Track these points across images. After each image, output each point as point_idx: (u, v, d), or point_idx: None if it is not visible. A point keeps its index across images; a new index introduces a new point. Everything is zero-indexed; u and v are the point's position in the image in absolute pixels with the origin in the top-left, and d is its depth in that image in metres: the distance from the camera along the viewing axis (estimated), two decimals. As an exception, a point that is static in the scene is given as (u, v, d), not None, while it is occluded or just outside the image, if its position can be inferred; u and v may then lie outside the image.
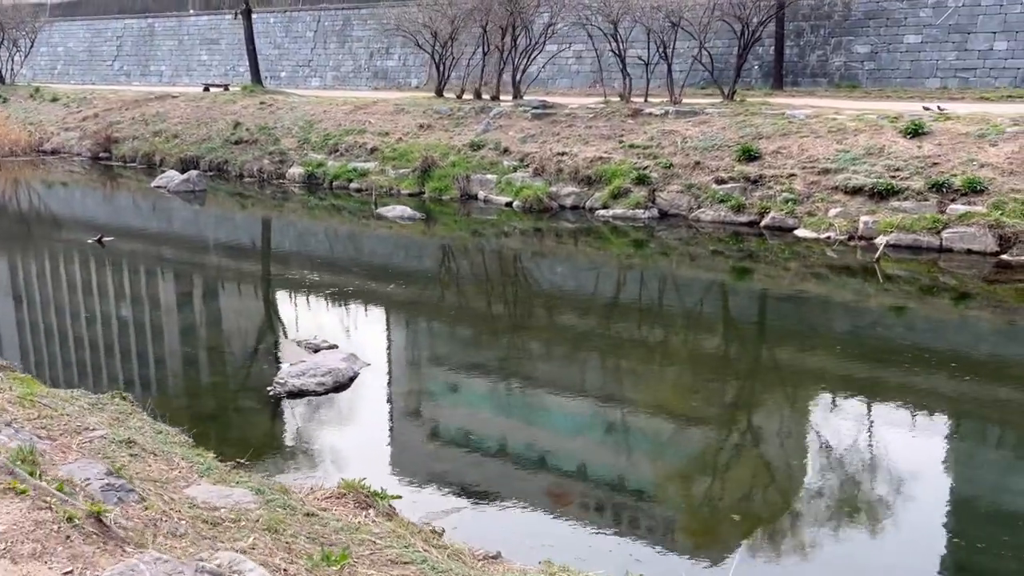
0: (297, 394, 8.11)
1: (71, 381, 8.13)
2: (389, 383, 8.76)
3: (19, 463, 3.64)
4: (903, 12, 23.83)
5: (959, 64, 23.00)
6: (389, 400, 8.28)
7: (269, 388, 8.27)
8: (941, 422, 8.01)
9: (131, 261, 14.86)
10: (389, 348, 9.76)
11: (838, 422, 7.90)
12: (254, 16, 38.23)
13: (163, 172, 24.67)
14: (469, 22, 24.97)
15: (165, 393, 8.12)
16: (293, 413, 7.73)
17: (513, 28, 24.28)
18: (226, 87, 33.70)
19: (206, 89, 33.58)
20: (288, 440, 7.16)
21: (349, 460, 6.73)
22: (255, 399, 8.09)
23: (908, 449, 7.23)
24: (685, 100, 21.56)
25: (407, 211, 18.17)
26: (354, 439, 7.27)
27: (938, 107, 18.09)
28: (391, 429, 7.65)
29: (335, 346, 9.44)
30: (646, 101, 22.05)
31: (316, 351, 9.35)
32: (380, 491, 5.37)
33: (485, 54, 24.93)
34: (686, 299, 13.13)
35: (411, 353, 9.81)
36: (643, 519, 6.04)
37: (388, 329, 10.86)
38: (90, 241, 15.37)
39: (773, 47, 24.91)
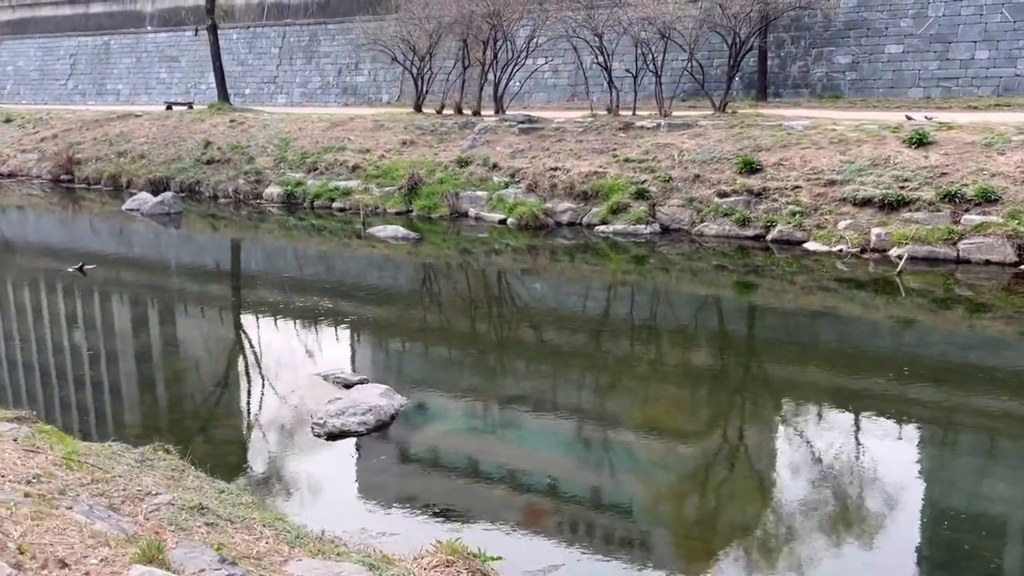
0: (338, 435, 7.45)
1: (92, 430, 7.38)
2: (433, 420, 8.13)
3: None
4: (884, 22, 23.91)
5: (941, 73, 23.11)
6: (440, 440, 7.66)
7: (307, 430, 7.60)
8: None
9: (118, 291, 13.98)
10: (424, 381, 9.12)
11: (893, 448, 7.49)
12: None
13: (132, 194, 23.67)
14: (448, 36, 24.46)
15: (197, 440, 7.39)
16: (341, 459, 7.07)
17: (494, 41, 23.83)
18: (190, 105, 32.73)
19: (169, 108, 32.54)
20: (347, 491, 6.48)
21: (424, 512, 6.11)
22: (295, 443, 7.40)
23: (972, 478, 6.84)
24: (673, 112, 21.29)
25: (400, 231, 17.52)
26: (419, 487, 6.64)
27: (925, 117, 18.04)
28: (455, 474, 7.04)
29: (365, 379, 8.80)
30: (634, 114, 21.74)
31: (348, 386, 8.69)
32: (481, 553, 4.79)
33: (466, 68, 24.42)
34: (687, 315, 12.68)
35: (447, 385, 9.18)
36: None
37: (414, 359, 10.23)
38: (71, 270, 14.45)
39: (755, 59, 24.80)
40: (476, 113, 24.24)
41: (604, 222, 17.55)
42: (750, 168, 16.95)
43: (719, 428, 8.08)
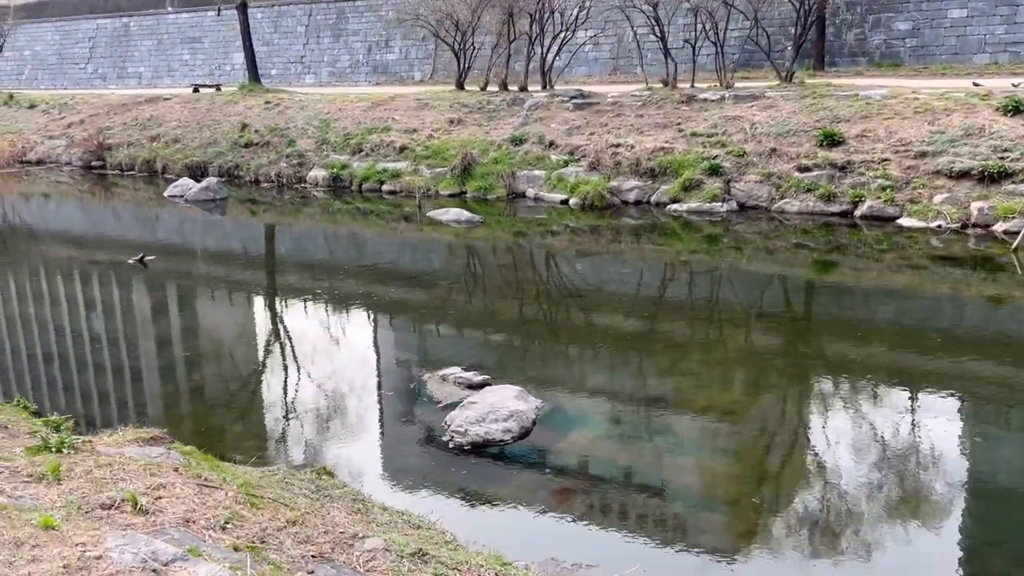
0: (482, 445, 6.78)
1: (211, 444, 6.71)
2: (574, 425, 7.44)
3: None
4: (946, -14, 22.92)
5: (1008, 38, 22.14)
6: (591, 449, 6.97)
7: (444, 439, 6.92)
8: None
9: (188, 284, 13.29)
10: (544, 379, 8.41)
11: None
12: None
13: (168, 180, 23.04)
14: (492, 8, 23.56)
15: (328, 455, 6.71)
16: (501, 474, 6.38)
17: (542, 13, 22.93)
18: (218, 87, 31.92)
19: (196, 90, 31.75)
20: (528, 513, 5.78)
21: (624, 533, 5.44)
22: (439, 456, 6.71)
23: None
24: (735, 84, 20.41)
25: (463, 214, 16.76)
26: (598, 503, 5.96)
27: (1012, 84, 17.15)
28: (630, 490, 6.35)
29: (488, 379, 8.10)
30: (693, 86, 20.88)
31: (471, 387, 8.00)
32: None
33: (512, 42, 23.53)
34: (764, 297, 11.94)
35: (573, 384, 8.48)
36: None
37: (525, 354, 9.53)
38: (131, 261, 13.77)
39: (810, 27, 23.82)
40: (523, 89, 23.39)
41: (676, 200, 16.77)
42: (831, 140, 16.12)
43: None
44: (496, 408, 7.12)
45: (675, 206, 16.61)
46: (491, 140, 20.50)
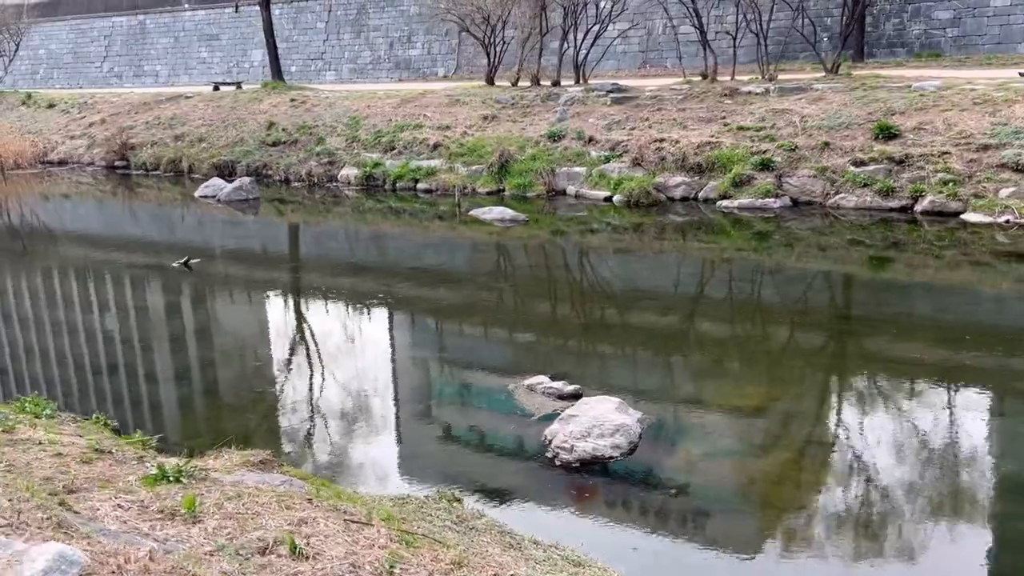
0: (590, 462, 6.38)
1: (303, 462, 6.33)
2: (680, 440, 7.04)
3: None
4: (988, -27, 22.41)
5: (1055, 27, 21.65)
6: (703, 466, 6.56)
7: (546, 455, 6.53)
8: None
9: (240, 289, 12.89)
10: (637, 389, 8.01)
11: None
12: (254, 8, 36.08)
13: (194, 179, 22.76)
14: (523, 2, 23.12)
15: (427, 473, 6.32)
16: (625, 495, 5.97)
17: (575, 6, 22.49)
18: (239, 85, 31.53)
19: (216, 88, 31.39)
20: (673, 543, 5.38)
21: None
22: (545, 473, 6.30)
23: None
24: (779, 76, 19.94)
25: (507, 212, 16.34)
26: (752, 533, 5.56)
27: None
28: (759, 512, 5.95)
29: (579, 390, 7.71)
30: (733, 79, 20.44)
31: (561, 397, 7.61)
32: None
33: (543, 36, 23.10)
34: (812, 293, 11.51)
35: (668, 394, 8.07)
36: None
37: (610, 362, 9.12)
38: (175, 265, 13.40)
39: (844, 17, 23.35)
40: (556, 84, 22.97)
41: (725, 196, 16.33)
42: (887, 134, 15.67)
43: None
44: (600, 422, 6.71)
45: (725, 202, 16.17)
46: (527, 136, 20.08)
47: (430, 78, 31.08)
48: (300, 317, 11.60)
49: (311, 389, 8.54)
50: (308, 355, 9.79)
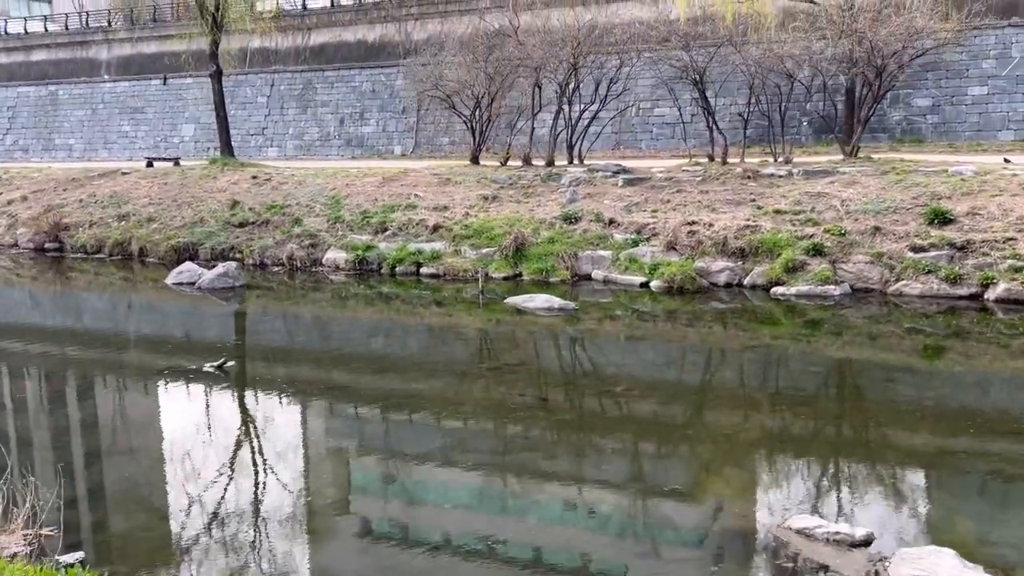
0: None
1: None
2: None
3: None
4: (964, 64, 23.07)
5: (1032, 115, 22.34)
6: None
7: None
8: None
9: (298, 397, 10.87)
10: (919, 527, 6.70)
11: None
12: (188, 80, 34.18)
13: (152, 264, 20.42)
14: (515, 79, 22.21)
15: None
16: None
17: (567, 86, 21.71)
18: (176, 161, 29.24)
19: (150, 164, 29.04)
20: None
21: None
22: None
23: None
24: (794, 159, 19.60)
25: (554, 301, 14.92)
26: None
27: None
28: None
29: (871, 534, 6.32)
30: (742, 160, 19.98)
31: (853, 545, 6.20)
32: None
33: (536, 114, 22.18)
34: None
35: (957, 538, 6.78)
36: None
37: (852, 489, 7.77)
38: (209, 368, 11.27)
39: (823, 101, 23.50)
40: (550, 163, 21.98)
41: (778, 282, 15.46)
42: (942, 219, 15.28)
43: None
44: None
45: (781, 289, 15.29)
46: (539, 218, 18.87)
47: (386, 156, 29.63)
48: (365, 424, 9.75)
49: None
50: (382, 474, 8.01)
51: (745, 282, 16.02)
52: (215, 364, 11.28)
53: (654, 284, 16.24)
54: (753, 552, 6.51)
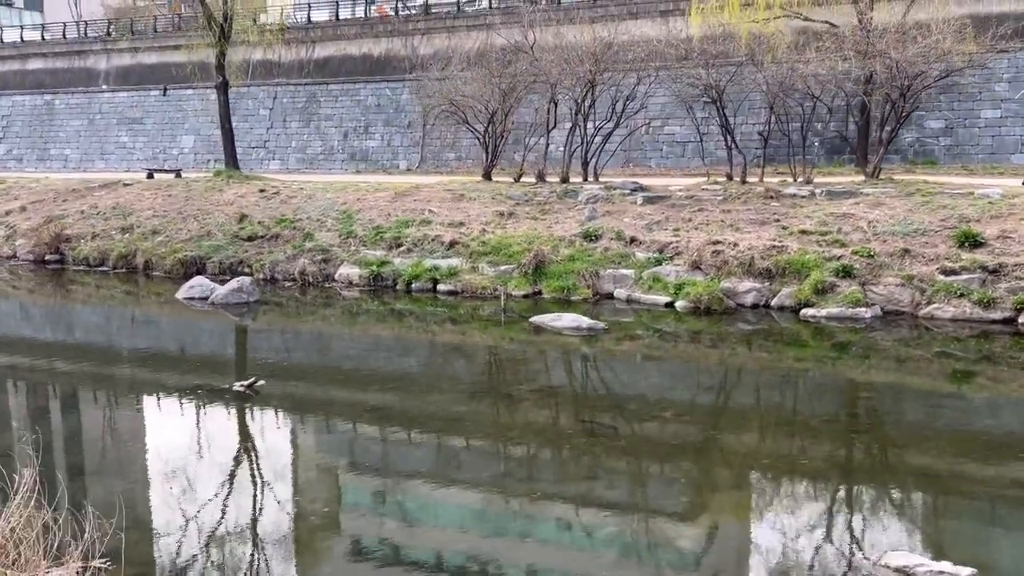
0: None
1: None
2: None
3: None
4: (976, 87, 23.09)
5: (1045, 139, 22.36)
6: None
7: None
8: None
9: (335, 419, 10.50)
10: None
11: None
12: (188, 92, 33.84)
13: (157, 277, 20.01)
14: (527, 96, 22.01)
15: None
16: None
17: (583, 103, 21.53)
18: (178, 173, 28.83)
19: (150, 175, 28.61)
20: None
21: None
22: None
23: None
24: (815, 179, 19.45)
25: (582, 320, 14.63)
26: None
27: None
28: None
29: (975, 573, 6.04)
30: (762, 180, 19.82)
31: (959, 583, 5.92)
32: None
33: (550, 131, 21.97)
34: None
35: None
36: None
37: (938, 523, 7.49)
38: (239, 387, 10.88)
39: (834, 123, 23.45)
40: (564, 180, 21.75)
41: (807, 304, 15.24)
42: (972, 242, 15.15)
43: None
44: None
45: (811, 311, 15.07)
46: (558, 235, 18.60)
47: (391, 171, 29.32)
48: (411, 450, 9.41)
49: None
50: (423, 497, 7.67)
51: (772, 303, 15.80)
52: (245, 383, 10.90)
53: (680, 304, 15.98)
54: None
